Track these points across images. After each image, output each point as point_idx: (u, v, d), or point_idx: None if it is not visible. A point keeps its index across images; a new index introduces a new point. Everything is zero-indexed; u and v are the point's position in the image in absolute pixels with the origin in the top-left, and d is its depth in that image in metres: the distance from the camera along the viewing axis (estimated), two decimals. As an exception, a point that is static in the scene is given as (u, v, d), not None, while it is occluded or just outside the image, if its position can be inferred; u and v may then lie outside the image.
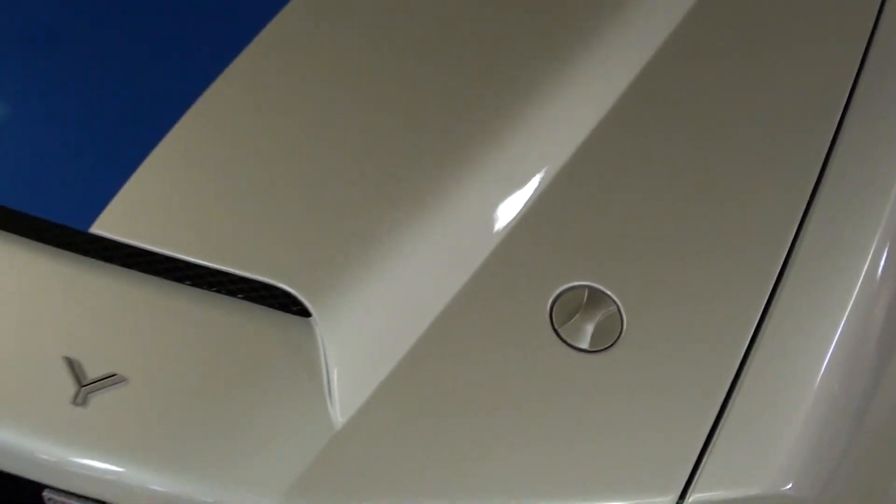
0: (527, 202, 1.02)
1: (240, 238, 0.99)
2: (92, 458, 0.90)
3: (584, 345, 0.94)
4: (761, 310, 0.96)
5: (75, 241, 1.00)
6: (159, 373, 0.93)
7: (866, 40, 1.17)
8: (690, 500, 0.88)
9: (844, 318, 0.96)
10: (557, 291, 0.97)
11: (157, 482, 0.89)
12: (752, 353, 0.94)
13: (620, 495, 0.88)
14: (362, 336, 0.94)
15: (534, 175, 1.04)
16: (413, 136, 1.06)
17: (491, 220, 1.01)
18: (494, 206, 1.02)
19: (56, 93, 1.12)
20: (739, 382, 0.92)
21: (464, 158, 1.03)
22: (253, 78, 1.11)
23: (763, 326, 0.95)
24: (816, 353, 0.95)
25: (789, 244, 1.00)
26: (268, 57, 1.12)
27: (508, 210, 1.02)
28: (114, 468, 0.90)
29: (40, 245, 1.00)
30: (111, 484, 0.90)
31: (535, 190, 1.03)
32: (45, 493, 0.97)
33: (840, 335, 0.96)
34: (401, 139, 1.06)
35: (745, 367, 0.93)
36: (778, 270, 0.98)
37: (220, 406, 0.91)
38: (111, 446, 0.90)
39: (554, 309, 0.96)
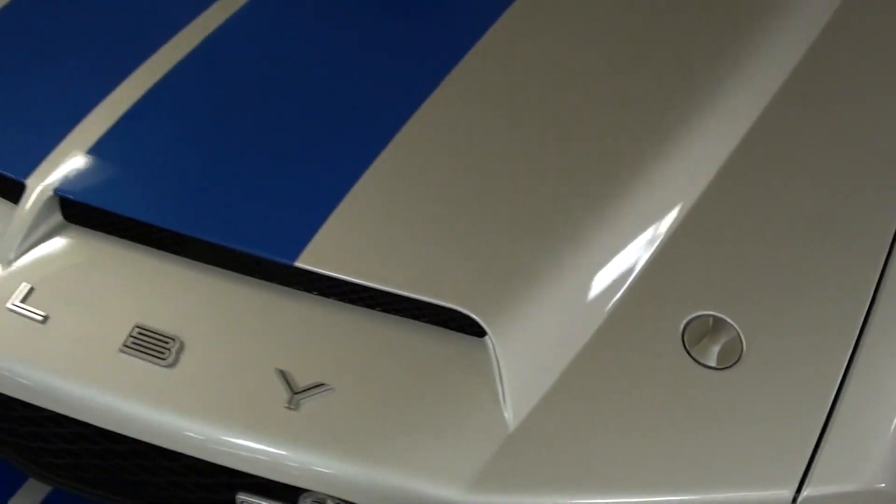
0: (660, 242, 1.18)
1: (427, 269, 1.11)
2: (305, 453, 1.03)
3: (712, 363, 1.09)
4: (856, 334, 1.11)
5: (282, 273, 1.13)
6: (360, 384, 1.06)
7: None
8: (805, 493, 1.01)
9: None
10: (687, 319, 1.12)
11: (362, 473, 1.02)
12: (851, 369, 1.09)
13: (747, 486, 1.02)
14: (529, 353, 1.08)
15: (666, 216, 1.19)
16: (569, 184, 1.20)
17: (630, 257, 1.16)
18: (633, 244, 1.17)
19: (263, 139, 1.23)
20: (841, 395, 1.07)
21: (610, 203, 1.18)
22: (440, 117, 1.24)
23: (859, 348, 1.10)
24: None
25: (877, 278, 1.16)
26: (451, 102, 1.27)
27: (645, 248, 1.17)
28: (325, 461, 1.03)
29: (253, 279, 1.13)
30: (320, 475, 1.03)
31: (668, 230, 1.18)
32: (239, 497, 1.10)
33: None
34: (560, 187, 1.20)
35: (846, 381, 1.08)
36: (870, 298, 1.13)
37: (413, 411, 1.05)
38: (322, 443, 1.03)
39: (685, 333, 1.11)
